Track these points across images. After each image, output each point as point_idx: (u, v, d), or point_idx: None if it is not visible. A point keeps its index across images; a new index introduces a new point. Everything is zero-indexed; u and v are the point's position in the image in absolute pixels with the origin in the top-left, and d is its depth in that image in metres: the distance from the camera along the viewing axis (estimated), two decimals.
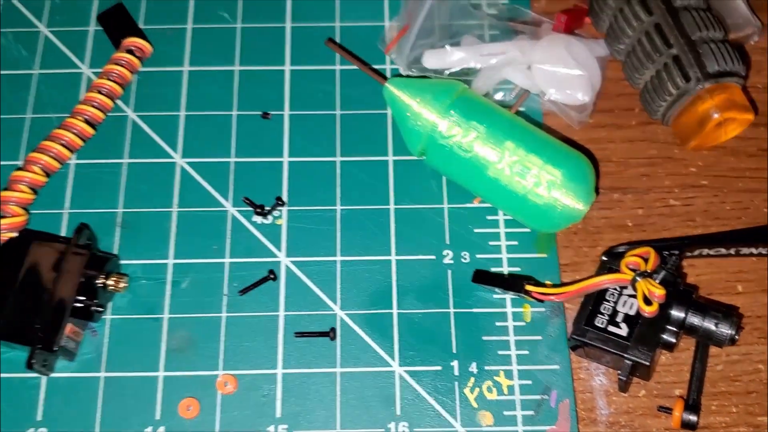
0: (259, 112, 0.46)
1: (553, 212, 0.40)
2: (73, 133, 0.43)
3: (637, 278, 0.38)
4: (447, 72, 0.44)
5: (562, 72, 0.43)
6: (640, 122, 0.46)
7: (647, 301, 0.37)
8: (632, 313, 0.39)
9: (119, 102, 0.46)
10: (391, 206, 0.44)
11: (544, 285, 0.40)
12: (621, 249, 0.41)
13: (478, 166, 0.40)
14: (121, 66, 0.45)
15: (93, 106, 0.44)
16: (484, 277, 0.41)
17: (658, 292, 0.37)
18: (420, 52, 0.44)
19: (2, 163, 0.44)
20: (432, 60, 0.43)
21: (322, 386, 0.40)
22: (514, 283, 0.40)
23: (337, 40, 0.48)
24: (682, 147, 0.45)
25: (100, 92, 0.44)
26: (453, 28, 0.46)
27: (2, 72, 0.47)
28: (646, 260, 0.39)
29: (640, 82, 0.44)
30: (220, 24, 0.48)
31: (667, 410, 0.39)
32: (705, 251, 0.42)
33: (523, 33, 0.46)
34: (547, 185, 0.39)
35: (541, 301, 0.40)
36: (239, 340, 0.40)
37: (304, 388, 0.39)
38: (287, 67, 0.47)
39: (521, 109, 0.45)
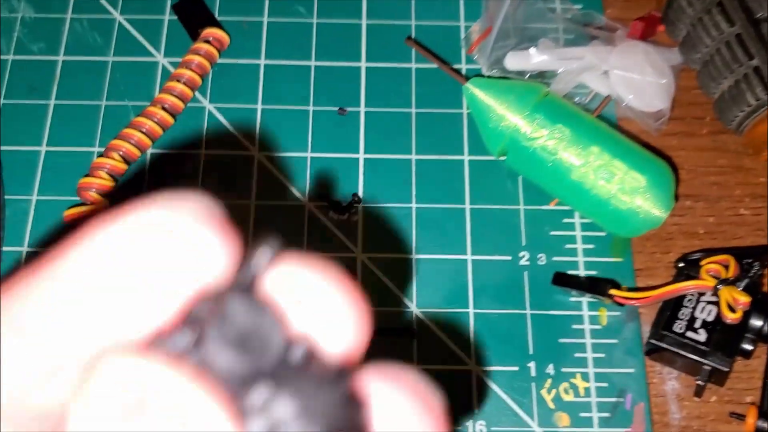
0: (335, 108, 0.46)
1: (635, 218, 0.40)
2: (154, 122, 0.43)
3: (720, 285, 0.38)
4: (527, 74, 0.45)
5: (640, 79, 0.44)
6: (711, 131, 0.47)
7: (731, 309, 0.38)
8: (710, 319, 0.39)
9: (196, 93, 0.46)
10: (467, 206, 0.44)
11: (625, 290, 0.41)
12: (695, 256, 0.42)
13: (562, 168, 0.40)
14: (200, 56, 0.45)
15: (173, 95, 0.44)
16: (564, 280, 0.41)
17: (743, 299, 0.37)
18: (501, 53, 0.44)
19: (79, 149, 0.44)
20: (514, 61, 0.44)
21: None
22: (596, 286, 0.40)
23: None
24: (752, 157, 0.46)
25: (179, 81, 0.44)
26: (529, 32, 0.46)
27: (78, 58, 0.47)
28: (725, 268, 0.39)
29: (716, 91, 0.45)
30: (295, 18, 0.48)
31: (740, 417, 0.40)
32: None
33: (598, 38, 0.46)
34: (631, 191, 0.40)
35: (623, 305, 0.40)
36: None
37: None
38: (363, 64, 0.47)
39: None
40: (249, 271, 0.14)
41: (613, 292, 0.39)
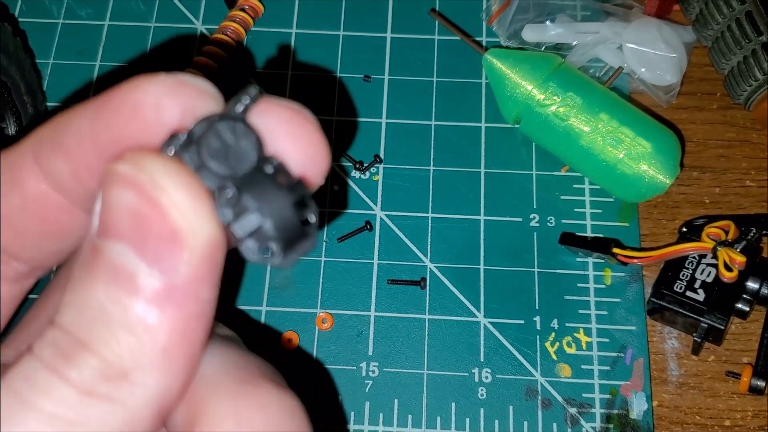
0: (361, 75, 0.49)
1: (640, 183, 0.42)
2: None
3: (719, 247, 0.40)
4: (544, 46, 0.47)
5: (653, 53, 0.46)
6: (721, 106, 0.48)
7: (728, 268, 0.40)
8: (709, 280, 0.41)
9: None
10: (482, 170, 0.46)
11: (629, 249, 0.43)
12: (700, 222, 0.43)
13: (572, 134, 0.43)
14: (236, 23, 0.48)
15: (211, 58, 0.47)
16: (570, 239, 0.43)
17: (739, 259, 0.39)
18: (519, 25, 0.47)
19: None
20: (531, 34, 0.46)
21: (412, 330, 0.42)
22: (600, 244, 0.42)
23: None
24: (760, 132, 0.47)
25: (216, 45, 0.47)
26: (547, 6, 0.48)
27: (122, 23, 0.50)
28: (726, 233, 0.41)
29: (726, 67, 0.46)
30: None
31: (735, 375, 0.42)
32: None
33: (614, 15, 0.48)
34: (637, 157, 0.42)
35: (625, 264, 0.42)
36: (336, 283, 0.43)
37: (394, 331, 0.42)
38: (388, 35, 0.50)
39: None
40: (237, 105, 0.18)
41: (616, 250, 0.41)
